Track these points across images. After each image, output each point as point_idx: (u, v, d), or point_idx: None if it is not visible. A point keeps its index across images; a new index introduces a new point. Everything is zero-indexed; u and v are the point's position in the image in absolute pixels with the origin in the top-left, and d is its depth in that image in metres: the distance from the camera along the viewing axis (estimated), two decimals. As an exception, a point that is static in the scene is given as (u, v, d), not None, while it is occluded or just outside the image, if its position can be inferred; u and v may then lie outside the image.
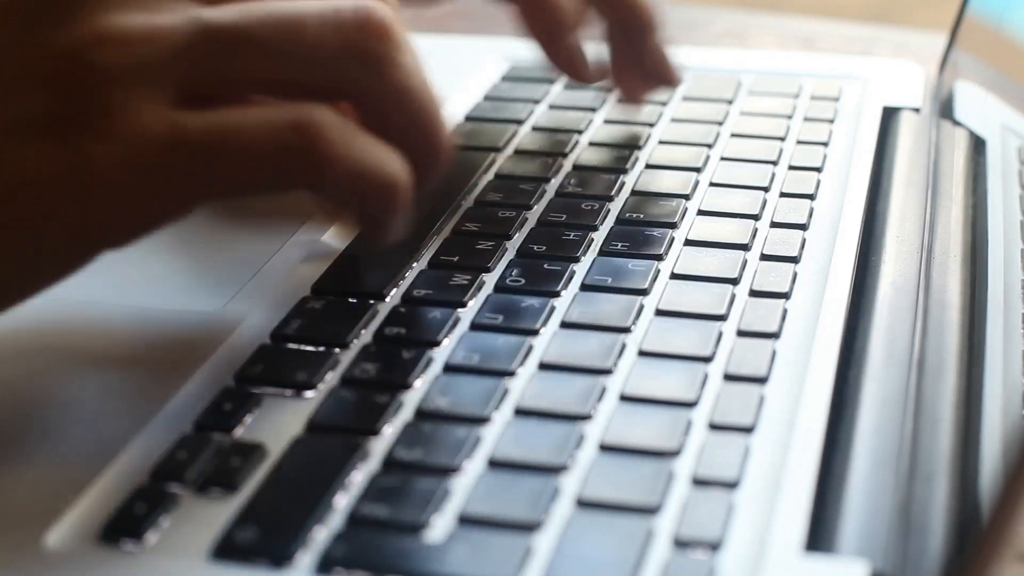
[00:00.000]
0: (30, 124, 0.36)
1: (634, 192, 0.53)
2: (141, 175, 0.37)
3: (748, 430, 0.39)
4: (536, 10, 0.54)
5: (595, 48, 0.55)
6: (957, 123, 0.59)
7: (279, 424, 0.40)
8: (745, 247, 0.49)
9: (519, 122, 0.59)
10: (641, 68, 0.56)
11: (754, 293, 0.46)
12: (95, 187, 0.36)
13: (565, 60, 0.55)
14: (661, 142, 0.57)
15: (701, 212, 0.51)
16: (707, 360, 0.42)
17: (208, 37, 0.38)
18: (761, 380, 0.41)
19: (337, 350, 0.43)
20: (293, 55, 0.39)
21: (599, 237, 0.49)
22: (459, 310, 0.45)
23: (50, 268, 0.38)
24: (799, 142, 0.57)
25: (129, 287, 0.46)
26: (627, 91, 0.57)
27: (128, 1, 0.37)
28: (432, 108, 0.42)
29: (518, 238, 0.49)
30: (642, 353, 0.42)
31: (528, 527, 0.36)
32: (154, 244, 0.41)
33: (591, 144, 0.57)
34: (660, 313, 0.45)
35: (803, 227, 0.50)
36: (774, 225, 0.50)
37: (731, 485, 0.37)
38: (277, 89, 0.40)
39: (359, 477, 0.38)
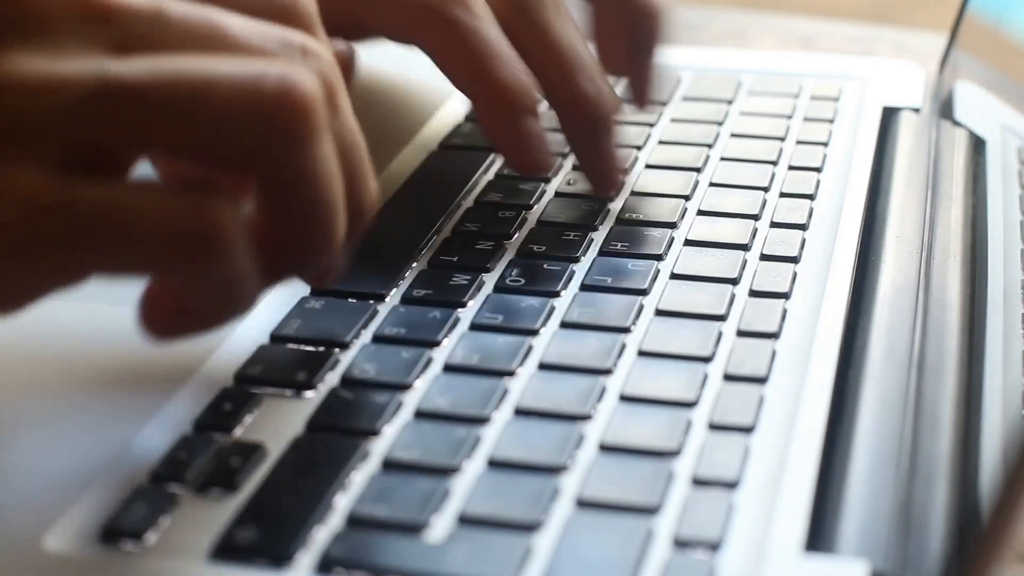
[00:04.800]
0: None
1: (634, 192, 0.53)
2: (19, 241, 0.33)
3: (748, 430, 0.39)
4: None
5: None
6: (957, 123, 0.59)
7: (279, 424, 0.40)
8: (745, 247, 0.49)
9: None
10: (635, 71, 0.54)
11: (754, 293, 0.46)
12: None
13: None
14: (661, 142, 0.57)
15: (701, 212, 0.51)
16: (707, 360, 0.42)
17: (108, 94, 0.33)
18: (761, 380, 0.41)
19: (337, 350, 0.43)
20: (198, 122, 0.35)
21: (599, 237, 0.49)
22: (459, 310, 0.45)
23: None
24: (799, 142, 0.57)
25: (128, 288, 0.46)
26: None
27: (34, 38, 0.33)
28: (329, 213, 0.37)
29: (518, 238, 0.49)
30: (642, 353, 0.42)
31: (528, 527, 0.36)
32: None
33: (591, 144, 0.57)
34: (660, 313, 0.45)
35: (803, 227, 0.50)
36: (774, 225, 0.50)
37: (731, 485, 0.37)
38: (181, 153, 0.36)
39: (359, 477, 0.38)
